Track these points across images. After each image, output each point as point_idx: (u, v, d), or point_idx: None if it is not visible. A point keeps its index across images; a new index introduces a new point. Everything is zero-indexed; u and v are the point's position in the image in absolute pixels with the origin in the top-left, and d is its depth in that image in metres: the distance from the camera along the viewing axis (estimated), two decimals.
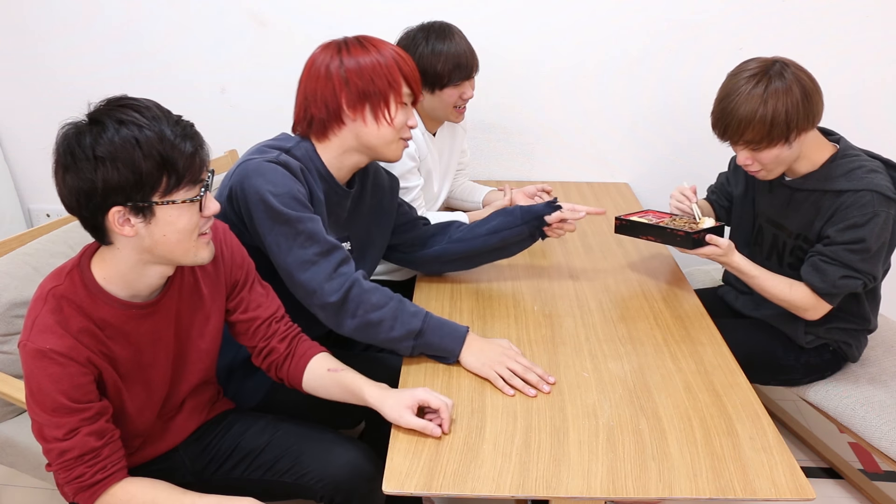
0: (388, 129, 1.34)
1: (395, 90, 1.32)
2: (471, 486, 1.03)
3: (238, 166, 1.30)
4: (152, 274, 1.08)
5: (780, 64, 1.37)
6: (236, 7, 2.15)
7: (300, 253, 1.26)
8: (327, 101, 1.32)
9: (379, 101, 1.32)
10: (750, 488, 1.03)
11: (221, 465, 1.32)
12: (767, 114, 1.34)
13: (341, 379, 1.24)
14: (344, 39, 1.35)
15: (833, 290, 1.44)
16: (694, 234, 1.47)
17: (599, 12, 2.10)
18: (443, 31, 1.70)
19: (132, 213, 0.98)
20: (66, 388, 1.02)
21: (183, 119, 1.02)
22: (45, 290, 1.04)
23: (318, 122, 1.34)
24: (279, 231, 1.25)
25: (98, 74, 2.27)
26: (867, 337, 1.66)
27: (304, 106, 1.35)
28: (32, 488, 1.88)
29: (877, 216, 1.38)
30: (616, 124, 2.26)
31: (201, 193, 1.03)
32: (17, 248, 1.54)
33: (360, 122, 1.33)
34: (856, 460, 2.01)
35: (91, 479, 1.06)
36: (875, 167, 1.43)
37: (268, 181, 1.25)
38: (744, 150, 1.43)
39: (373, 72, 1.30)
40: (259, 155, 1.30)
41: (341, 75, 1.30)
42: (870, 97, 2.12)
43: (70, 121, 0.98)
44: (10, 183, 2.44)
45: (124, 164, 0.94)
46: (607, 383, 1.26)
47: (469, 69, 1.71)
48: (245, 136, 2.32)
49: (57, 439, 1.04)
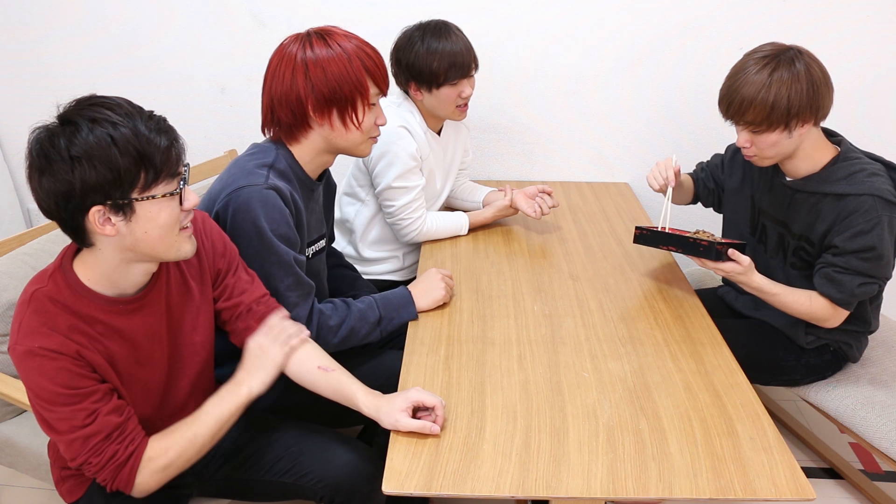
0: (356, 132, 1.35)
1: (362, 94, 1.31)
2: (471, 486, 1.03)
3: (227, 191, 1.28)
4: (136, 272, 1.08)
5: (795, 51, 1.37)
6: (236, 7, 2.14)
7: (286, 294, 1.33)
8: (293, 107, 1.31)
9: (346, 106, 1.31)
10: (750, 488, 1.03)
11: (221, 466, 1.31)
12: (770, 97, 1.34)
13: (333, 380, 1.24)
14: (307, 36, 1.32)
15: (852, 299, 1.44)
16: (718, 245, 1.43)
17: (600, 13, 2.09)
18: (438, 29, 1.69)
19: (112, 211, 0.97)
20: (64, 380, 1.01)
21: (155, 114, 1.01)
22: (29, 292, 1.04)
23: (286, 126, 1.34)
24: (271, 263, 1.30)
25: (98, 74, 2.26)
26: (868, 337, 1.66)
27: (271, 108, 1.34)
28: (33, 488, 1.88)
29: (881, 221, 1.37)
30: (616, 124, 2.26)
31: (180, 187, 1.03)
32: (16, 247, 1.54)
33: (327, 126, 1.33)
34: (856, 460, 2.01)
35: (125, 454, 1.05)
36: (876, 170, 1.43)
37: (267, 216, 1.27)
38: (744, 130, 1.42)
39: (339, 78, 1.28)
40: (248, 180, 1.28)
41: (307, 86, 1.28)
42: (870, 97, 2.12)
43: (40, 124, 0.96)
44: (9, 183, 2.43)
45: (101, 162, 0.93)
46: (607, 383, 1.26)
47: (465, 68, 1.69)
48: (245, 136, 2.33)
49: (77, 427, 1.02)
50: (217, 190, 1.33)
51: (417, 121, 1.79)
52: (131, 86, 2.27)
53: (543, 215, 1.83)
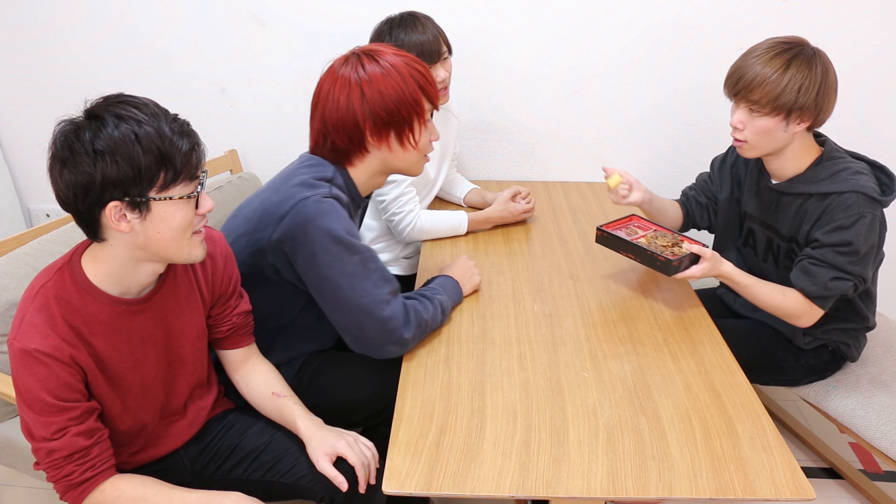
0: (413, 152, 1.34)
1: (418, 113, 1.30)
2: (471, 486, 1.03)
3: (291, 203, 1.25)
4: (144, 271, 1.08)
5: (817, 50, 1.37)
6: (236, 7, 2.14)
7: (376, 293, 1.28)
8: (350, 132, 1.29)
9: (403, 127, 1.30)
10: (750, 488, 1.03)
11: (221, 466, 1.32)
12: (782, 82, 1.34)
13: (281, 405, 1.28)
14: (357, 58, 1.28)
15: (824, 293, 1.43)
16: (675, 262, 1.42)
17: (600, 13, 2.09)
18: (404, 21, 1.71)
19: (129, 208, 0.98)
20: (51, 388, 1.02)
21: (179, 117, 1.02)
22: (35, 287, 1.05)
23: (342, 151, 1.33)
24: (354, 264, 1.26)
25: (98, 74, 2.26)
26: (866, 336, 1.66)
27: (324, 133, 1.31)
28: (32, 488, 1.88)
29: (863, 217, 1.37)
30: (616, 124, 2.26)
31: (197, 190, 1.04)
32: (16, 247, 1.54)
33: (385, 149, 1.32)
34: (856, 460, 2.01)
35: (80, 478, 1.07)
36: (860, 168, 1.43)
37: (335, 219, 1.25)
38: (744, 109, 1.41)
39: (397, 101, 1.27)
40: (311, 191, 1.26)
41: (364, 109, 1.26)
42: (870, 97, 2.12)
43: (66, 117, 0.98)
44: (9, 182, 2.43)
45: (123, 158, 0.95)
46: (607, 383, 1.26)
47: (435, 54, 1.71)
48: (245, 136, 2.33)
49: (45, 438, 1.04)
50: (276, 202, 1.28)
51: None
52: (132, 85, 2.26)
53: (527, 213, 1.89)
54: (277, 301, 1.38)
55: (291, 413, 1.26)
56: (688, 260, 1.45)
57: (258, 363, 1.35)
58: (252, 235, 1.31)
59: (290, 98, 2.26)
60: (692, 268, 1.45)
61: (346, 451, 1.19)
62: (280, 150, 2.35)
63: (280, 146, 2.34)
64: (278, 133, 2.33)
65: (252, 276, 1.34)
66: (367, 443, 1.23)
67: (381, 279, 1.30)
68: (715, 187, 1.73)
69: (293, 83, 2.24)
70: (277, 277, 1.33)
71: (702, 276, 1.45)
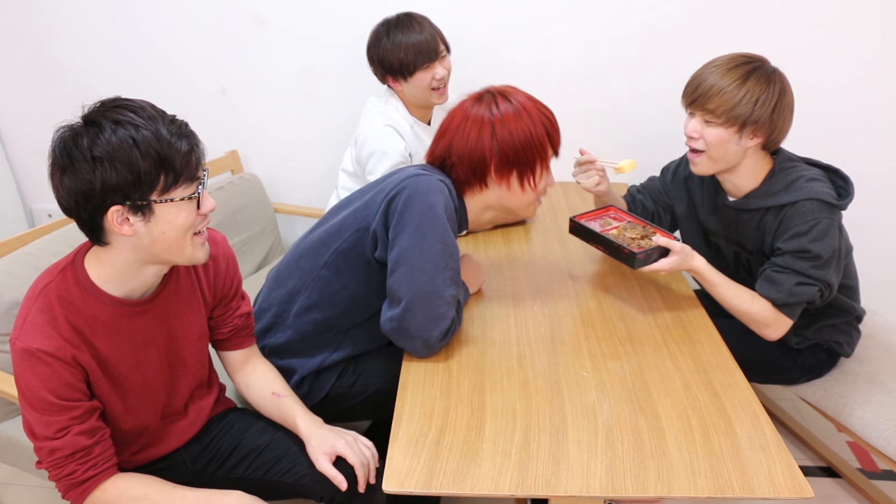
0: (530, 194, 1.36)
1: (542, 157, 1.33)
2: (470, 485, 1.03)
3: (404, 177, 1.29)
4: (148, 273, 1.09)
5: (775, 68, 1.39)
6: (236, 8, 2.15)
7: (443, 289, 1.27)
8: (476, 166, 1.32)
9: (526, 169, 1.33)
10: (748, 487, 1.03)
11: (222, 465, 1.32)
12: (739, 95, 1.35)
13: (281, 405, 1.29)
14: (492, 97, 1.32)
15: (790, 300, 1.42)
16: (640, 255, 1.41)
17: (600, 13, 2.10)
18: (401, 22, 1.77)
19: (131, 212, 0.98)
20: (54, 387, 1.03)
21: (177, 118, 1.02)
22: (38, 287, 1.05)
23: (460, 182, 1.35)
24: (430, 254, 1.24)
25: (99, 75, 2.27)
26: (859, 328, 1.66)
27: (446, 156, 1.35)
28: (35, 487, 1.88)
29: (819, 223, 1.38)
30: (616, 125, 2.26)
31: (199, 191, 1.04)
32: (18, 247, 1.54)
33: (504, 187, 1.35)
34: (854, 459, 2.02)
35: (82, 476, 1.07)
36: (814, 175, 1.43)
37: (440, 201, 1.26)
38: (699, 118, 1.42)
39: (525, 143, 1.30)
40: (426, 172, 1.30)
41: (493, 146, 1.30)
42: (869, 97, 2.12)
43: (64, 123, 0.98)
44: (11, 182, 2.44)
45: (122, 163, 0.95)
46: (606, 383, 1.26)
47: (432, 53, 1.76)
48: (245, 137, 2.33)
49: (47, 438, 1.05)
50: (390, 183, 1.31)
51: (403, 115, 1.86)
52: (133, 86, 2.27)
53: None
54: (364, 292, 1.36)
55: (291, 413, 1.26)
56: (656, 253, 1.44)
57: (258, 364, 1.36)
58: (360, 213, 1.33)
59: (290, 99, 2.27)
60: (660, 261, 1.44)
61: (345, 451, 1.19)
62: (280, 151, 2.35)
63: (280, 146, 2.35)
64: (279, 133, 2.33)
65: (350, 257, 1.34)
66: (367, 442, 1.24)
67: (451, 279, 1.29)
68: (671, 199, 1.73)
69: (294, 84, 2.24)
70: (374, 260, 1.33)
71: (670, 269, 1.44)
